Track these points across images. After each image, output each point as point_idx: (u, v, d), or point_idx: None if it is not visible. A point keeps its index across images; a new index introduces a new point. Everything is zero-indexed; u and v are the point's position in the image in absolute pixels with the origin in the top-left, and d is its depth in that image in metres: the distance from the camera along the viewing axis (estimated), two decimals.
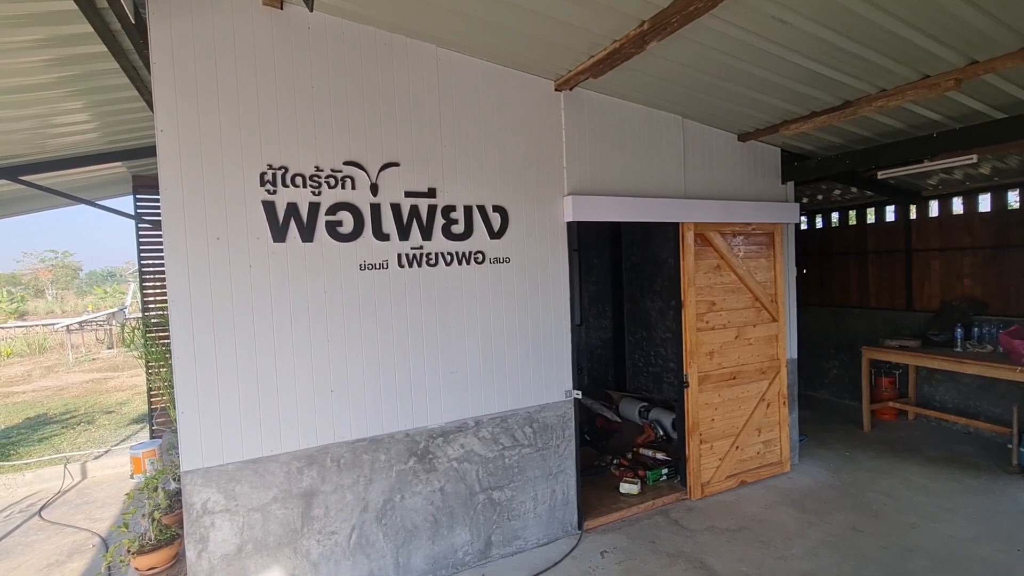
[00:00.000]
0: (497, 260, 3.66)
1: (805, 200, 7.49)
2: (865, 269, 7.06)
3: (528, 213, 3.78)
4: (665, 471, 4.71)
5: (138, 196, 5.74)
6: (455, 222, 3.51)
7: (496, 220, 3.65)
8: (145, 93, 3.48)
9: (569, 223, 3.91)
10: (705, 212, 4.39)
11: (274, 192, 3.00)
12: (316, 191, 3.10)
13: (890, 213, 6.81)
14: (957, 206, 6.06)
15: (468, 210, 3.55)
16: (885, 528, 3.94)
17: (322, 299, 3.15)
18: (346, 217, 3.19)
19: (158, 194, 2.79)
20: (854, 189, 6.64)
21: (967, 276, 5.96)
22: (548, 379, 3.89)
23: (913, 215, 6.48)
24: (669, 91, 3.89)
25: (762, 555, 3.65)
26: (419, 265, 3.40)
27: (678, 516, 4.23)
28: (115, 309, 18.09)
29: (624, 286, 7.49)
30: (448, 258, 3.49)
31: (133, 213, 5.73)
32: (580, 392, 3.98)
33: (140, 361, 5.81)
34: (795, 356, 5.11)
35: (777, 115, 4.21)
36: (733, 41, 3.04)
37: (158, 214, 5.51)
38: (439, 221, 3.46)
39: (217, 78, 2.87)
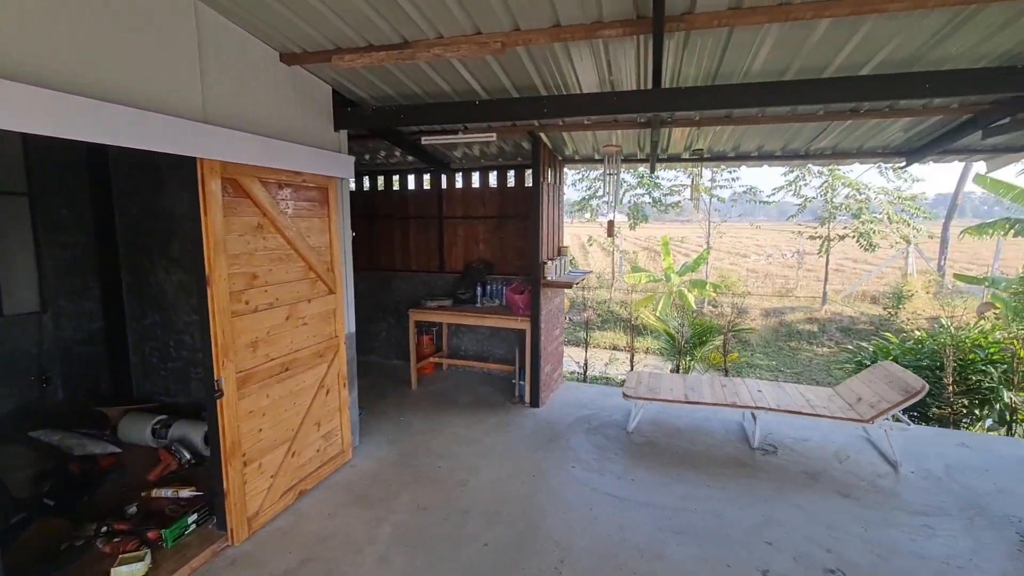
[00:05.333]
0: None
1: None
2: (407, 234, 7.35)
3: None
4: (193, 517, 3.33)
5: None
6: None
7: None
8: None
9: None
10: (238, 149, 3.12)
11: None
12: None
13: (427, 182, 7.25)
14: (475, 180, 6.93)
15: None
16: (443, 495, 3.93)
17: None
18: None
19: None
20: (398, 152, 6.66)
21: (482, 241, 6.95)
22: None
23: (444, 185, 7.07)
24: None
25: None
26: None
27: None
28: None
29: (120, 250, 5.22)
30: None
31: None
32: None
33: None
34: (353, 330, 4.58)
35: (330, 35, 3.34)
36: None
37: None
38: None
39: None
